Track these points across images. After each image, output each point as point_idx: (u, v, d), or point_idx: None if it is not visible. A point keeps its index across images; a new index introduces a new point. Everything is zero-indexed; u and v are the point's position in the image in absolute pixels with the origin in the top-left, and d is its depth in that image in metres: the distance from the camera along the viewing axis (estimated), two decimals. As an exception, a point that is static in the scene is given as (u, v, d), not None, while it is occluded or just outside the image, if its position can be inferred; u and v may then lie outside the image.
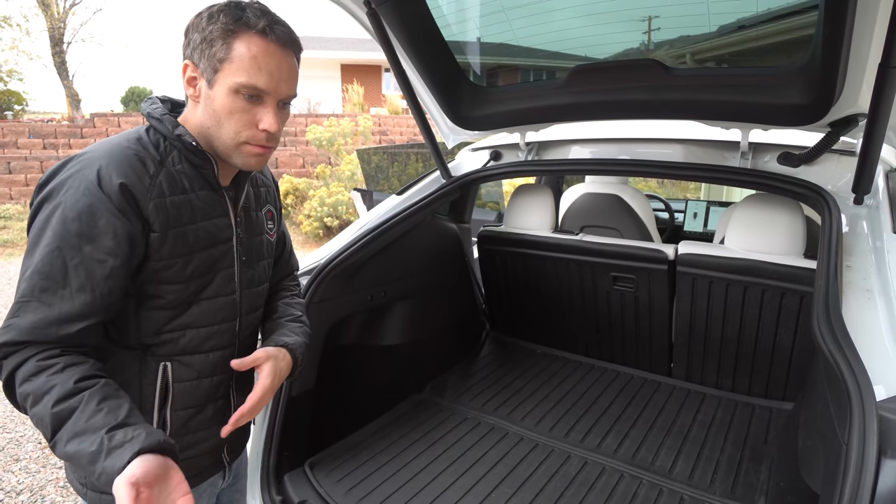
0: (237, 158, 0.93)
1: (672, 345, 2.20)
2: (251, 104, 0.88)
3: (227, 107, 0.87)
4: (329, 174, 9.27)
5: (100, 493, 0.98)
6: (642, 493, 1.58)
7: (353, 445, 1.82)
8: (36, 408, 0.78)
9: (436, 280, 2.29)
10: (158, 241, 0.88)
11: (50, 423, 0.77)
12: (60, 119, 13.49)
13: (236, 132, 0.89)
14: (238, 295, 1.03)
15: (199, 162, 0.94)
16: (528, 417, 2.01)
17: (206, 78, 0.88)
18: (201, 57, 0.87)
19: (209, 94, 0.88)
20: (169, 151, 0.92)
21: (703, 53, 1.67)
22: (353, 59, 18.67)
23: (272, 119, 0.89)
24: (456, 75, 1.96)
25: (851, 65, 1.27)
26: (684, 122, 1.90)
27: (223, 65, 0.85)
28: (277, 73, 0.87)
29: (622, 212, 2.59)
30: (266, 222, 1.11)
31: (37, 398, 0.78)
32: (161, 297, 0.92)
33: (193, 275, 0.94)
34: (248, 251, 1.05)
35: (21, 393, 0.80)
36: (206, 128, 0.91)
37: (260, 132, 0.90)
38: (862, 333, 1.08)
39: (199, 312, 0.97)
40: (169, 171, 0.91)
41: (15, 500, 2.47)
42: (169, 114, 0.94)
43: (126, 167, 0.85)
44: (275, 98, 0.89)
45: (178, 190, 0.91)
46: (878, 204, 1.48)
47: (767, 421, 1.92)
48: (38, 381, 0.78)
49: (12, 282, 6.19)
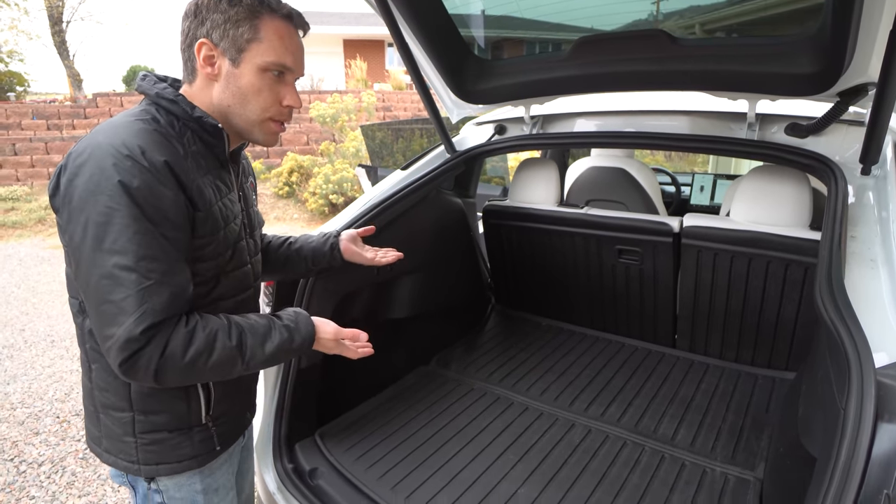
0: (258, 135, 0.99)
1: (676, 317, 2.21)
2: (276, 81, 0.95)
3: (256, 85, 0.93)
4: (333, 151, 9.23)
5: (156, 465, 1.03)
6: (644, 459, 1.62)
7: (362, 416, 1.86)
8: (214, 355, 0.89)
9: (441, 254, 2.31)
10: (202, 220, 0.92)
11: (238, 352, 0.91)
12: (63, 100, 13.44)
13: (263, 109, 0.96)
14: (250, 264, 1.10)
15: (213, 141, 0.96)
16: (534, 388, 2.05)
17: (230, 57, 0.92)
18: (223, 37, 0.90)
19: (234, 73, 0.93)
20: (183, 132, 0.94)
21: (713, 24, 1.64)
22: (355, 34, 18.39)
23: (296, 95, 0.98)
24: (460, 49, 1.94)
25: (862, 32, 1.25)
26: (691, 94, 1.88)
27: (251, 45, 0.91)
28: (300, 53, 0.97)
29: (628, 185, 2.58)
30: (251, 194, 1.18)
31: (211, 348, 0.88)
32: (199, 273, 0.96)
33: (220, 250, 0.99)
34: (250, 221, 1.12)
35: (191, 357, 0.87)
36: (226, 105, 0.96)
37: (284, 108, 0.98)
38: (864, 302, 1.09)
39: (227, 285, 1.04)
40: (188, 152, 0.93)
41: (37, 470, 2.56)
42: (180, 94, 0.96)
43: (163, 147, 0.87)
44: (295, 76, 0.98)
45: (202, 170, 0.95)
46: (885, 174, 1.47)
47: (770, 391, 1.94)
48: (201, 338, 0.88)
49: (23, 262, 6.26)
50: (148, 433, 1.01)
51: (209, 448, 1.07)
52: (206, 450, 1.07)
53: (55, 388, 3.35)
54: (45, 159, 9.42)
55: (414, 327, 2.18)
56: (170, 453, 1.03)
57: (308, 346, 1.02)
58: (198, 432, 1.05)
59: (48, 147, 9.61)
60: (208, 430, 1.06)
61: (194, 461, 1.06)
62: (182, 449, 1.03)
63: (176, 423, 1.02)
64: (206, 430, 1.06)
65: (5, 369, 3.63)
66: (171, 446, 1.02)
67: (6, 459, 2.64)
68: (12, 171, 9.11)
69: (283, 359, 1.01)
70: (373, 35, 18.15)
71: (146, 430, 1.00)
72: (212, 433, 1.07)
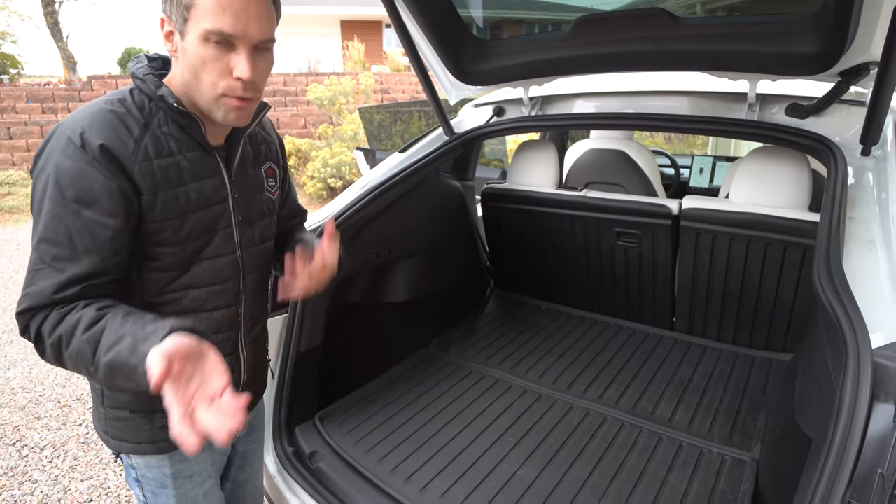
0: (218, 113, 0.89)
1: (675, 299, 2.22)
2: (222, 51, 0.83)
3: (200, 57, 0.83)
4: (331, 134, 9.16)
5: (119, 441, 1.03)
6: (642, 440, 1.64)
7: (361, 399, 1.88)
8: (70, 345, 0.81)
9: (440, 238, 2.30)
10: (149, 204, 0.88)
11: (88, 349, 0.79)
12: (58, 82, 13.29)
13: (212, 84, 0.85)
14: (239, 254, 1.04)
15: (184, 123, 0.91)
16: (532, 371, 2.06)
17: (178, 29, 0.84)
18: (172, 7, 0.83)
19: (183, 47, 0.85)
20: (154, 113, 0.90)
21: (713, 2, 1.61)
22: (353, 14, 18.11)
23: (245, 65, 0.83)
24: (459, 29, 1.91)
25: (865, 10, 1.22)
26: (691, 74, 1.86)
27: (190, 12, 0.81)
28: (245, 15, 0.81)
29: (627, 168, 2.56)
30: (266, 180, 1.10)
31: (69, 336, 0.81)
32: (158, 258, 0.93)
33: (189, 236, 0.94)
34: (247, 210, 1.04)
35: (52, 342, 0.82)
36: (185, 83, 0.88)
37: (235, 81, 0.85)
38: (862, 283, 1.09)
39: (200, 273, 0.98)
40: (154, 134, 0.89)
41: (39, 455, 2.58)
42: (154, 73, 0.91)
43: (106, 129, 0.84)
44: (246, 43, 0.84)
45: (164, 153, 0.89)
46: (885, 155, 1.46)
47: (767, 372, 1.96)
48: (66, 323, 0.81)
49: (21, 247, 6.25)
50: (113, 409, 1.01)
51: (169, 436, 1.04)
52: (165, 437, 0.99)
53: (55, 373, 3.37)
54: (41, 143, 9.34)
55: (413, 311, 2.19)
56: (131, 434, 1.02)
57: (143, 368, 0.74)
58: (160, 418, 1.00)
59: (43, 130, 9.52)
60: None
61: (153, 446, 1.03)
62: (142, 432, 1.02)
63: (137, 404, 1.00)
64: (166, 416, 1.02)
65: (5, 354, 3.64)
66: (132, 427, 1.02)
67: (8, 444, 2.67)
68: (7, 156, 9.05)
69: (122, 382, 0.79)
70: (370, 16, 17.89)
71: (112, 405, 1.01)
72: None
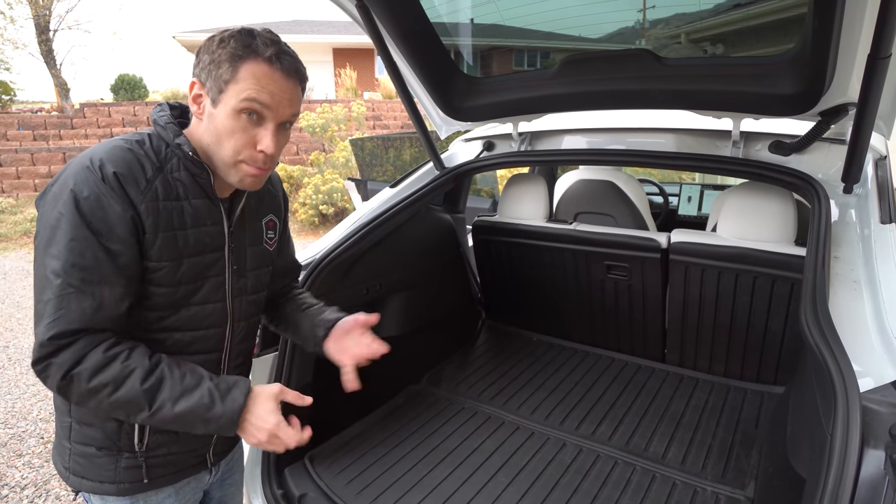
0: (233, 177, 0.96)
1: (665, 331, 2.22)
2: (252, 124, 0.92)
3: (229, 126, 0.91)
4: (323, 161, 9.22)
5: (80, 479, 1.02)
6: (636, 479, 1.62)
7: (352, 438, 1.85)
8: (120, 391, 0.87)
9: (431, 271, 2.30)
10: (149, 243, 0.92)
11: (144, 397, 0.88)
12: (50, 109, 13.31)
13: (235, 151, 0.93)
14: (229, 303, 1.06)
15: (196, 171, 0.96)
16: (524, 406, 2.04)
17: (211, 97, 0.92)
18: (208, 77, 0.91)
19: (212, 113, 0.92)
20: (169, 158, 0.95)
21: (698, 34, 1.65)
22: (345, 42, 18.42)
23: (270, 141, 0.92)
24: (448, 66, 1.95)
25: (841, 55, 1.27)
26: (676, 112, 1.90)
27: (228, 86, 0.89)
28: (280, 95, 0.91)
29: (616, 198, 2.59)
30: (266, 232, 1.14)
31: (118, 383, 0.87)
32: (149, 298, 0.95)
33: (182, 279, 0.97)
34: (241, 260, 1.07)
35: (95, 385, 0.86)
36: (205, 144, 0.95)
37: (258, 153, 0.93)
38: (848, 325, 1.10)
39: (188, 317, 1.00)
40: (166, 178, 0.94)
41: (20, 494, 2.51)
42: (175, 122, 0.97)
43: (122, 163, 0.89)
44: (275, 119, 0.92)
45: (172, 196, 0.94)
46: (866, 193, 1.49)
47: (759, 405, 1.95)
48: (114, 369, 0.86)
49: (7, 276, 6.17)
50: (80, 444, 1.00)
51: (135, 478, 1.02)
52: (130, 479, 1.01)
53: (39, 408, 3.30)
54: (31, 170, 9.31)
55: (404, 345, 2.17)
56: (93, 471, 1.01)
57: (229, 423, 0.92)
58: (126, 458, 1.00)
59: (34, 158, 9.50)
60: (137, 459, 1.01)
61: (114, 487, 1.01)
62: (105, 471, 1.00)
63: (106, 442, 0.99)
64: (134, 458, 1.01)
65: (-12, 388, 3.57)
66: (96, 465, 1.00)
67: (-12, 483, 2.59)
68: (-3, 183, 9.00)
69: (199, 428, 0.92)
70: (363, 44, 18.16)
71: (79, 440, 1.00)
72: (140, 463, 1.01)
